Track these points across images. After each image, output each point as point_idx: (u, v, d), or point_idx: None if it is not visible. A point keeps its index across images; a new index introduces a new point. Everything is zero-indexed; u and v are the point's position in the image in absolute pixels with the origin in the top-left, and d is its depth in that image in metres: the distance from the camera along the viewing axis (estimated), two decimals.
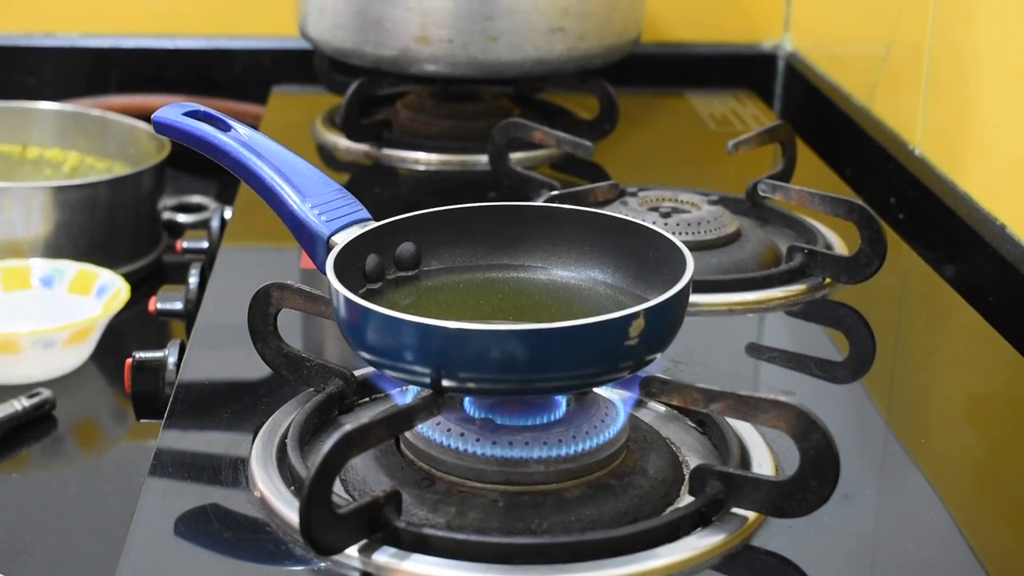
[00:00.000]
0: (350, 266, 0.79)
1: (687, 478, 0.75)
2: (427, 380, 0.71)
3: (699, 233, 1.06)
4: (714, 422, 0.80)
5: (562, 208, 0.85)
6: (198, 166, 1.24)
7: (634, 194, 1.12)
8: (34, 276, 1.27)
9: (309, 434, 0.79)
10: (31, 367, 1.17)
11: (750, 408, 0.71)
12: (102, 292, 1.25)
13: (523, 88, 1.47)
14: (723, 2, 1.67)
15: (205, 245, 1.23)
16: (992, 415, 0.91)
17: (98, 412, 1.20)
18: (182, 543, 0.72)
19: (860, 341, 0.98)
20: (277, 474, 0.75)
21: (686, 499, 0.74)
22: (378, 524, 0.68)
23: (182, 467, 0.78)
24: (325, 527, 0.66)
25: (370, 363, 0.74)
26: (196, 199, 1.49)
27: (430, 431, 0.74)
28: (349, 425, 0.68)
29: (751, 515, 0.72)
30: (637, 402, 0.82)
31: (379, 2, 1.33)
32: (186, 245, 1.24)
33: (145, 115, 1.34)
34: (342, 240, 0.80)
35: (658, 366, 0.76)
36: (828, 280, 1.03)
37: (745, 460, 0.77)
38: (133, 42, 1.63)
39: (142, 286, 1.30)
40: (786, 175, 1.18)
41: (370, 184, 1.31)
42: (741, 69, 1.67)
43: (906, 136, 1.31)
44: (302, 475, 0.72)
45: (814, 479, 0.69)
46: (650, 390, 0.76)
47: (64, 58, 1.63)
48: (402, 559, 0.68)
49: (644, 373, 0.75)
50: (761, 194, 1.11)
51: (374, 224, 0.83)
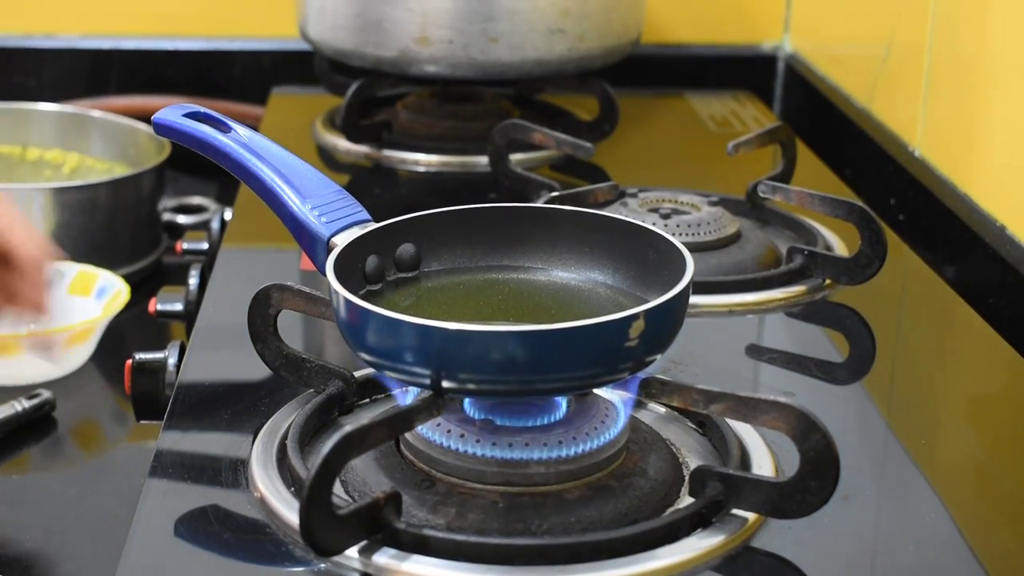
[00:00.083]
0: (350, 267, 0.79)
1: (687, 479, 0.75)
2: (427, 381, 0.71)
3: (699, 234, 1.06)
4: (714, 423, 0.80)
5: (562, 209, 0.85)
6: (198, 167, 1.24)
7: (634, 195, 1.12)
8: None
9: (309, 435, 0.79)
10: (31, 368, 1.17)
11: (750, 409, 0.71)
12: (102, 293, 1.24)
13: (523, 89, 1.47)
14: (723, 3, 1.67)
15: (205, 246, 1.23)
16: (992, 416, 0.91)
17: (98, 413, 1.20)
18: (182, 544, 0.72)
19: (860, 342, 0.98)
20: (277, 475, 0.75)
21: (686, 500, 0.74)
22: (378, 525, 0.68)
23: (182, 468, 0.78)
24: (325, 528, 0.66)
25: (370, 364, 0.74)
26: (196, 200, 1.49)
27: (430, 432, 0.74)
28: (349, 426, 0.68)
29: (751, 516, 0.72)
30: (637, 403, 0.82)
31: (379, 3, 1.33)
32: (186, 246, 1.24)
33: (145, 116, 1.34)
34: (342, 241, 0.80)
35: (658, 367, 0.76)
36: (828, 281, 1.03)
37: (745, 461, 0.77)
38: (133, 43, 1.63)
39: (142, 287, 1.30)
40: (786, 176, 1.18)
41: (370, 185, 1.31)
42: (741, 70, 1.67)
43: (906, 137, 1.31)
44: (302, 476, 0.72)
45: (814, 480, 0.69)
46: (650, 391, 0.76)
47: (64, 59, 1.63)
48: (402, 560, 0.68)
49: (644, 374, 0.75)
50: (761, 195, 1.11)
51: (374, 225, 0.83)
